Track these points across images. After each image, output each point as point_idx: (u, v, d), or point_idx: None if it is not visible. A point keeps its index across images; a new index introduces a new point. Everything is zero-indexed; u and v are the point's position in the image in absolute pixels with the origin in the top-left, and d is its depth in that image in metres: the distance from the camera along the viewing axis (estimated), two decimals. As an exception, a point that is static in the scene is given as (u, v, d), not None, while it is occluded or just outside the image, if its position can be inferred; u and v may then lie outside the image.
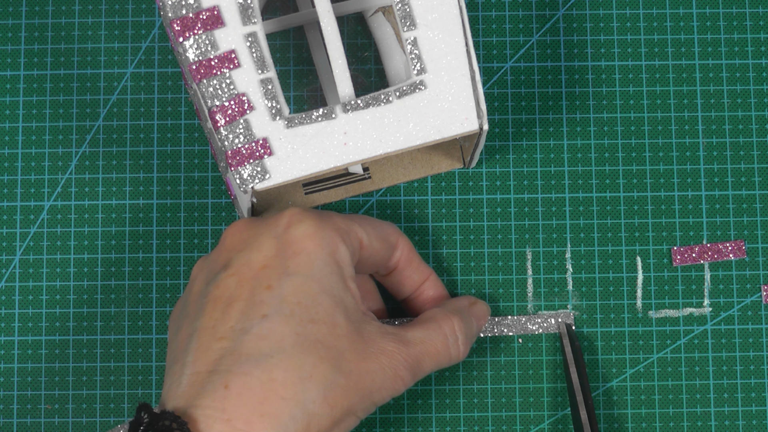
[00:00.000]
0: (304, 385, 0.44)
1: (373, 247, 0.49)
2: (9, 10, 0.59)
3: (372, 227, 0.50)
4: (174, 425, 0.42)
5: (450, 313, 0.51)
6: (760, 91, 0.59)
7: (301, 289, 0.45)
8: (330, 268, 0.46)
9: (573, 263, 0.58)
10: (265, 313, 0.45)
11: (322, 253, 0.46)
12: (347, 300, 0.46)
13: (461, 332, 0.50)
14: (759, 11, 0.60)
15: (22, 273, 0.57)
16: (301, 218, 0.47)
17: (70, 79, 0.59)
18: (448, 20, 0.50)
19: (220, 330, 0.45)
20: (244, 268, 0.46)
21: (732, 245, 0.58)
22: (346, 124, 0.49)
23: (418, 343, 0.48)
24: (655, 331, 0.57)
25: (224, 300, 0.46)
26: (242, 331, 0.44)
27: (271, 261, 0.46)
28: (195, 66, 0.48)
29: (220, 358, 0.44)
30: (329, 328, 0.45)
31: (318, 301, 0.45)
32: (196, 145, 0.58)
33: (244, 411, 0.43)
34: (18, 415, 0.56)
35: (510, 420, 0.57)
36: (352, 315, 0.46)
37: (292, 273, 0.45)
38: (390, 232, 0.51)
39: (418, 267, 0.53)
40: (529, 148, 0.59)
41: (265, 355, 0.44)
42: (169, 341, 0.48)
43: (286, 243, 0.46)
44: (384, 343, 0.47)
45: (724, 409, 0.57)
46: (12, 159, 0.58)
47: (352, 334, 0.46)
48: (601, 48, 0.59)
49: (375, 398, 0.46)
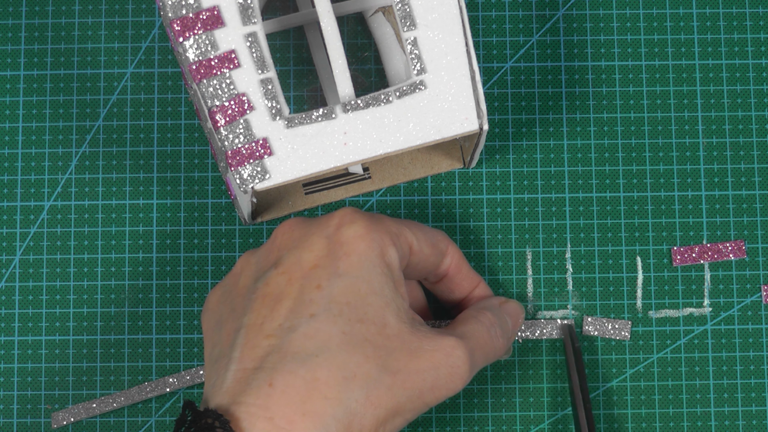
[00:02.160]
0: (347, 385, 0.43)
1: (423, 252, 0.49)
2: (9, 10, 0.59)
3: (422, 233, 0.50)
4: (216, 423, 0.42)
5: (482, 309, 0.51)
6: (760, 91, 0.59)
7: (350, 290, 0.45)
8: (380, 269, 0.46)
9: (573, 263, 0.58)
10: (314, 312, 0.45)
11: (372, 254, 0.46)
12: (397, 300, 0.46)
13: (496, 325, 0.50)
14: (759, 11, 0.60)
15: (22, 273, 0.57)
16: (352, 219, 0.47)
17: (70, 79, 0.59)
18: (448, 20, 0.50)
19: (267, 327, 0.45)
20: (294, 266, 0.46)
21: (732, 245, 0.58)
22: (346, 124, 0.49)
23: (469, 337, 0.48)
24: (655, 331, 0.57)
25: (273, 297, 0.46)
26: (290, 330, 0.44)
27: (321, 261, 0.46)
28: (195, 66, 0.48)
29: (266, 355, 0.44)
30: (378, 328, 0.45)
31: (368, 302, 0.45)
32: (196, 145, 0.58)
33: (286, 409, 0.43)
34: (18, 415, 0.56)
35: (510, 420, 0.57)
36: (403, 315, 0.46)
37: (342, 273, 0.45)
38: (440, 239, 0.51)
39: (467, 274, 0.53)
40: (529, 148, 0.59)
41: (310, 354, 0.44)
42: (208, 334, 0.48)
43: (337, 243, 0.46)
44: (442, 340, 0.46)
45: (724, 409, 0.57)
46: (12, 159, 0.58)
47: (403, 333, 0.45)
48: (601, 48, 0.59)
49: (427, 398, 0.46)
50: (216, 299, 0.49)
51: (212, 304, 0.49)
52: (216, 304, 0.49)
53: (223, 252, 0.58)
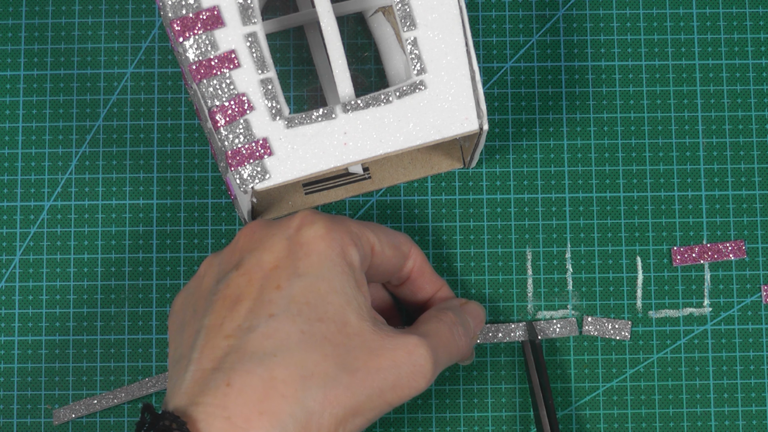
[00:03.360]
0: (305, 384, 0.44)
1: (385, 254, 0.50)
2: (9, 10, 0.59)
3: (385, 235, 0.50)
4: (173, 425, 0.42)
5: (444, 309, 0.51)
6: (760, 91, 0.59)
7: (310, 289, 0.45)
8: (340, 268, 0.46)
9: (573, 263, 0.58)
10: (273, 312, 0.45)
11: (332, 253, 0.46)
12: (359, 299, 0.46)
13: (458, 324, 0.50)
14: (759, 11, 0.60)
15: (22, 273, 0.57)
16: (312, 220, 0.47)
17: (70, 79, 0.59)
18: (448, 20, 0.50)
19: (227, 328, 0.45)
20: (254, 267, 0.46)
21: (732, 245, 0.58)
22: (346, 124, 0.49)
23: (432, 335, 0.48)
24: (655, 331, 0.57)
25: (233, 298, 0.46)
26: (248, 330, 0.44)
27: (281, 261, 0.46)
28: (195, 66, 0.48)
29: (224, 355, 0.44)
30: (338, 327, 0.45)
31: (327, 300, 0.45)
32: (196, 145, 0.58)
33: (244, 409, 0.43)
34: (18, 415, 0.56)
35: (510, 420, 0.57)
36: (364, 314, 0.46)
37: (302, 273, 0.46)
38: (403, 242, 0.51)
39: (430, 277, 0.53)
40: (529, 148, 0.59)
41: (268, 354, 0.44)
42: (172, 336, 0.48)
43: (297, 244, 0.46)
44: (404, 338, 0.46)
45: (724, 409, 0.57)
46: (12, 159, 0.58)
47: (363, 332, 0.45)
48: (601, 48, 0.59)
49: (388, 397, 0.45)
50: (180, 302, 0.49)
51: (177, 306, 0.49)
52: (180, 306, 0.49)
53: (223, 252, 0.58)
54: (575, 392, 0.57)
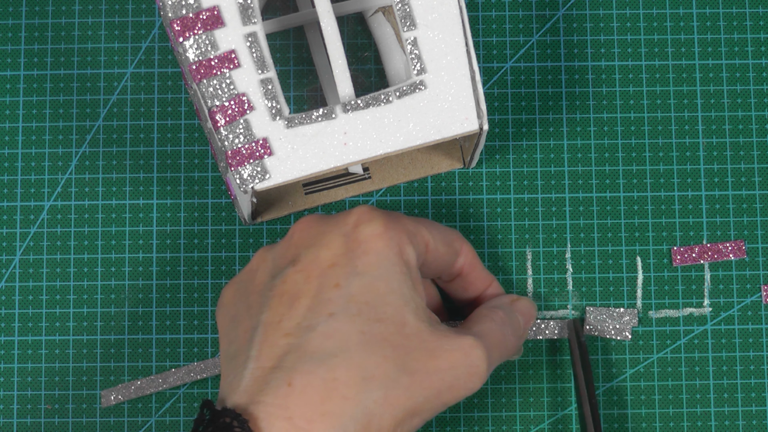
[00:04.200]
0: (366, 385, 0.43)
1: (439, 250, 0.49)
2: (9, 10, 0.59)
3: (438, 231, 0.50)
4: (235, 423, 0.42)
5: (494, 308, 0.51)
6: (760, 91, 0.59)
7: (369, 289, 0.45)
8: (398, 268, 0.46)
9: (573, 263, 0.58)
10: (332, 311, 0.44)
11: (390, 253, 0.46)
12: (416, 299, 0.46)
13: (507, 324, 0.50)
14: (759, 11, 0.60)
15: (22, 273, 0.57)
16: (370, 217, 0.47)
17: (70, 79, 0.59)
18: (448, 20, 0.50)
19: (285, 326, 0.45)
20: (312, 264, 0.46)
21: (732, 245, 0.58)
22: (346, 124, 0.49)
23: (485, 335, 0.48)
24: (655, 331, 0.57)
25: (291, 295, 0.45)
26: (308, 329, 0.44)
27: (339, 259, 0.46)
28: (195, 66, 0.48)
29: (284, 354, 0.44)
30: (397, 327, 0.45)
31: (386, 301, 0.45)
32: (196, 145, 0.58)
33: (305, 409, 0.42)
34: (18, 415, 0.56)
35: (510, 420, 0.57)
36: (422, 314, 0.46)
37: (360, 272, 0.45)
38: (454, 238, 0.51)
39: (481, 273, 0.53)
40: (529, 148, 0.59)
41: (329, 354, 0.44)
42: (223, 330, 0.48)
43: (355, 242, 0.46)
44: (460, 339, 0.46)
45: (724, 409, 0.57)
46: (12, 159, 0.58)
47: (421, 333, 0.45)
48: (601, 48, 0.59)
49: (445, 398, 0.45)
50: (231, 295, 0.49)
51: (227, 299, 0.49)
52: (231, 300, 0.48)
53: (223, 252, 0.58)
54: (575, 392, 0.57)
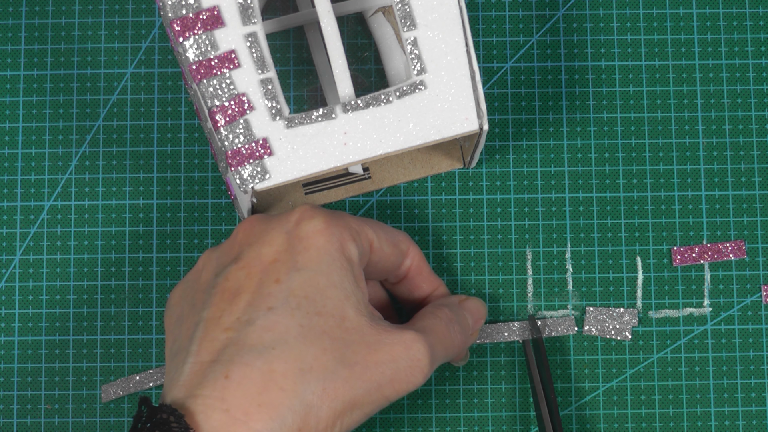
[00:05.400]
0: (304, 377, 0.44)
1: (384, 251, 0.50)
2: (9, 10, 0.59)
3: (384, 232, 0.50)
4: (171, 418, 0.42)
5: (441, 306, 0.51)
6: (760, 91, 0.59)
7: (309, 283, 0.45)
8: (339, 263, 0.46)
9: (573, 263, 0.58)
10: (272, 305, 0.45)
11: (331, 248, 0.46)
12: (357, 294, 0.46)
13: (454, 321, 0.50)
14: (759, 11, 0.60)
15: (22, 273, 0.57)
16: (312, 215, 0.47)
17: (70, 79, 0.59)
18: (448, 20, 0.50)
19: (225, 321, 0.45)
20: (254, 261, 0.46)
21: (732, 245, 0.58)
22: (346, 124, 0.49)
23: (428, 331, 0.48)
24: (655, 331, 0.57)
25: (232, 291, 0.46)
26: (247, 323, 0.45)
27: (281, 255, 0.46)
28: (195, 66, 0.48)
29: (223, 348, 0.44)
30: (337, 321, 0.45)
31: (327, 294, 0.45)
32: (196, 145, 0.58)
33: (242, 401, 0.43)
34: (18, 415, 0.56)
35: (510, 420, 0.57)
36: (363, 309, 0.46)
37: (301, 267, 0.46)
38: (401, 240, 0.51)
39: (428, 276, 0.53)
40: (529, 148, 0.59)
41: (267, 347, 0.44)
42: (169, 329, 0.48)
43: (296, 238, 0.47)
44: (402, 333, 0.47)
45: (724, 409, 0.57)
46: (12, 159, 0.58)
47: (362, 327, 0.46)
48: (601, 48, 0.59)
49: (386, 391, 0.46)
50: (178, 295, 0.49)
51: (174, 300, 0.49)
52: (178, 300, 0.49)
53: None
54: (575, 392, 0.57)
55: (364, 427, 0.56)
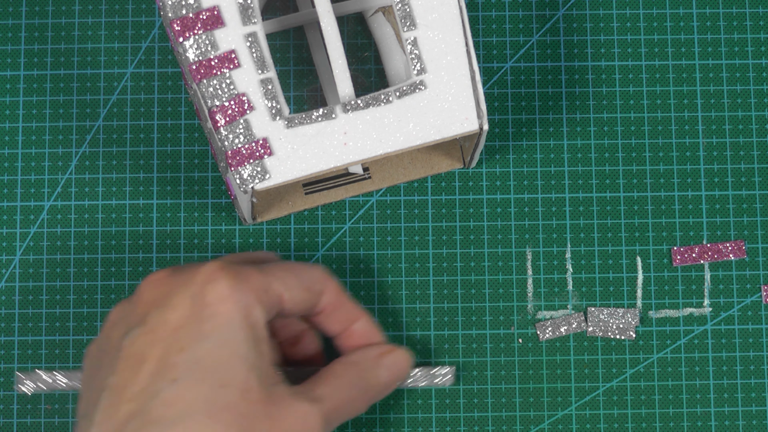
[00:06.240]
0: None
1: (295, 300, 0.49)
2: (9, 10, 0.59)
3: (295, 278, 0.49)
4: None
5: (350, 365, 0.51)
6: (760, 91, 0.59)
7: (214, 354, 0.45)
8: (244, 332, 0.46)
9: (573, 263, 0.58)
10: (176, 376, 0.45)
11: (237, 316, 0.46)
12: (260, 364, 0.46)
13: (358, 386, 0.50)
14: (759, 11, 0.60)
15: (22, 273, 0.57)
16: (217, 277, 0.47)
17: (70, 79, 0.59)
18: (448, 20, 0.50)
19: (129, 391, 0.45)
20: (159, 326, 0.46)
21: (732, 245, 0.58)
22: (346, 124, 0.49)
23: (326, 400, 0.48)
24: (655, 331, 0.57)
25: (137, 358, 0.46)
26: (151, 395, 0.44)
27: (186, 321, 0.46)
28: (195, 66, 0.48)
29: (126, 421, 0.44)
30: (241, 393, 0.45)
31: (231, 366, 0.45)
32: (196, 145, 0.58)
33: None
34: (18, 415, 0.56)
35: (510, 420, 0.57)
36: (265, 379, 0.46)
37: (206, 336, 0.46)
38: (316, 280, 0.51)
39: (346, 310, 0.52)
40: (529, 148, 0.59)
41: (170, 422, 0.44)
42: (83, 383, 0.48)
43: (202, 304, 0.46)
44: (297, 405, 0.47)
45: (724, 409, 0.57)
46: (12, 159, 0.58)
47: (264, 399, 0.46)
48: (601, 48, 0.59)
49: None
50: (94, 349, 0.49)
51: (91, 353, 0.49)
52: (94, 354, 0.49)
53: (223, 252, 0.58)
54: (575, 392, 0.57)
55: (364, 428, 0.56)
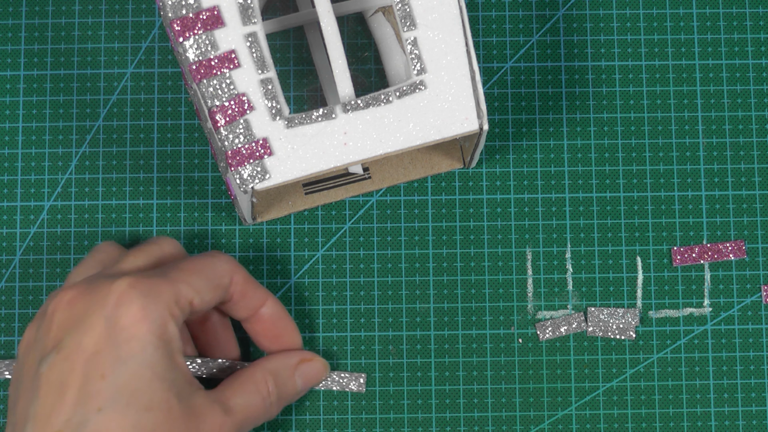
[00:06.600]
0: None
1: (205, 300, 0.50)
2: (9, 10, 0.59)
3: (204, 280, 0.50)
4: None
5: (268, 374, 0.52)
6: (760, 91, 0.59)
7: (135, 377, 0.46)
8: (161, 351, 0.47)
9: (573, 263, 0.58)
10: (101, 405, 0.45)
11: (152, 337, 0.46)
12: (178, 379, 0.47)
13: (274, 395, 0.52)
14: (759, 11, 0.60)
15: (22, 273, 0.57)
16: (129, 298, 0.47)
17: (70, 79, 0.59)
18: (448, 20, 0.50)
19: (55, 422, 0.45)
20: (76, 352, 0.46)
21: (732, 245, 0.58)
22: (346, 124, 0.49)
23: (240, 410, 0.50)
24: (655, 331, 0.57)
25: (58, 386, 0.46)
26: (79, 425, 0.45)
27: (103, 346, 0.46)
28: (195, 66, 0.48)
29: None
30: (165, 413, 0.46)
31: (153, 388, 0.46)
32: (196, 145, 0.58)
33: None
34: (18, 415, 0.56)
35: (510, 420, 0.57)
36: (183, 393, 0.47)
37: (124, 361, 0.46)
38: (222, 274, 0.51)
39: (253, 296, 0.53)
40: (529, 148, 0.59)
41: None
42: (9, 409, 0.48)
43: (117, 327, 0.46)
44: (213, 417, 0.48)
45: (724, 409, 0.57)
46: (12, 159, 0.58)
47: (185, 414, 0.47)
48: (601, 48, 0.59)
49: None
50: (17, 372, 0.49)
51: (14, 376, 0.49)
52: (16, 376, 0.49)
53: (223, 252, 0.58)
54: (575, 392, 0.57)
55: (364, 428, 0.56)
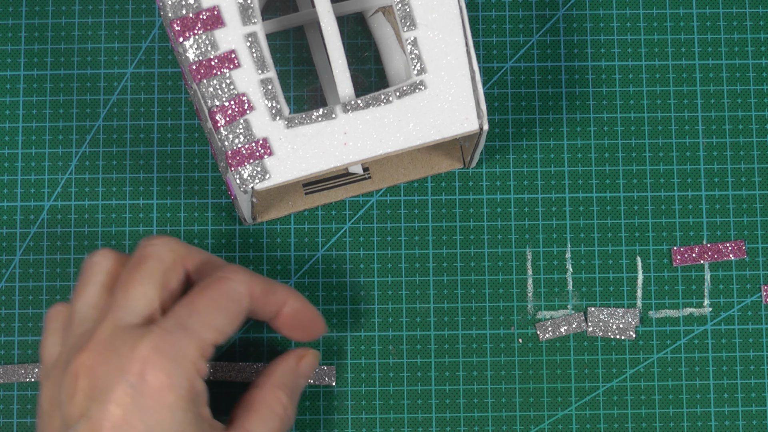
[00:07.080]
0: None
1: (229, 333, 0.49)
2: (9, 10, 0.59)
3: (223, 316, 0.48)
4: None
5: (277, 391, 0.51)
6: (760, 91, 0.59)
7: None
8: (190, 413, 0.46)
9: (573, 263, 0.58)
10: None
11: (181, 402, 0.46)
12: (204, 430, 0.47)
13: (289, 407, 0.51)
14: (759, 11, 0.60)
15: (22, 273, 0.57)
16: (154, 364, 0.46)
17: (70, 79, 0.59)
18: (448, 20, 0.50)
19: None
20: (103, 422, 0.45)
21: (732, 245, 0.58)
22: (346, 124, 0.49)
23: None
24: (655, 331, 0.57)
25: None
26: None
27: (130, 415, 0.45)
28: (195, 66, 0.48)
29: None
30: None
31: None
32: (196, 145, 0.58)
33: None
34: (18, 416, 0.56)
35: (510, 420, 0.57)
36: None
37: (153, 429, 0.45)
38: (240, 299, 0.49)
39: (274, 301, 0.52)
40: (529, 148, 0.59)
41: None
42: None
43: (143, 395, 0.45)
44: None
45: (724, 409, 0.57)
46: (12, 159, 0.58)
47: None
48: (601, 48, 0.59)
49: None
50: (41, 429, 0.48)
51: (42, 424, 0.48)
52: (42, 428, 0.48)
53: (223, 252, 0.58)
54: (575, 392, 0.57)
55: (364, 428, 0.56)
